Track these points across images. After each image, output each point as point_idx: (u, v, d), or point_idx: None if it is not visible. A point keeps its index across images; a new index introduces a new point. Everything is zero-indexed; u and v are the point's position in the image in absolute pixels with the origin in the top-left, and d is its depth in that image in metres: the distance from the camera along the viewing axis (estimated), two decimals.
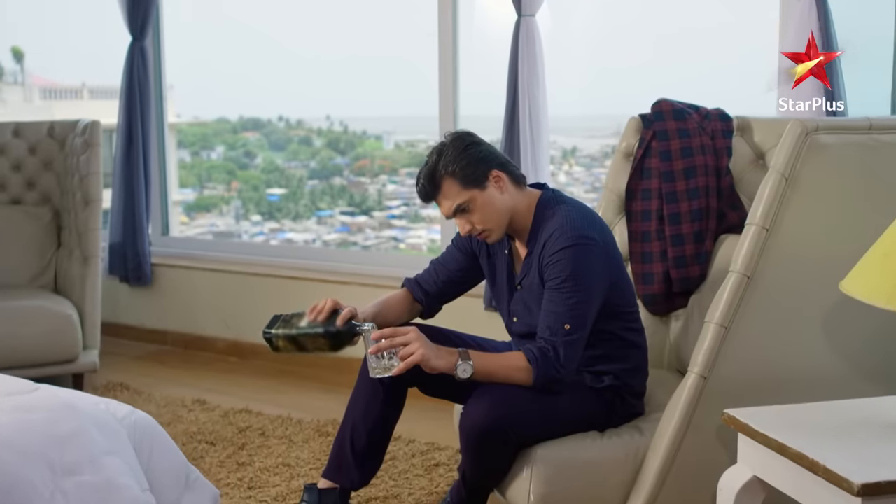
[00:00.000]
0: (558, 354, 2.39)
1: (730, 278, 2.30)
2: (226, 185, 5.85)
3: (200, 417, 3.78)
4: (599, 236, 2.47)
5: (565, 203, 2.54)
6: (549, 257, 2.44)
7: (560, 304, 2.40)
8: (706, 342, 2.30)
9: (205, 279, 4.92)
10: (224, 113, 5.76)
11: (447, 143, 2.51)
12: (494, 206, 2.50)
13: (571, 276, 2.40)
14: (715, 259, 2.97)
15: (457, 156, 2.46)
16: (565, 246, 2.41)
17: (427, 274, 2.81)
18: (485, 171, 2.48)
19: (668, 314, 3.08)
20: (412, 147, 5.48)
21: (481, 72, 4.37)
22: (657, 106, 3.11)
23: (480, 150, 2.50)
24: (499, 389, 2.41)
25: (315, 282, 4.56)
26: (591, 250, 2.43)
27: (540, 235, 2.50)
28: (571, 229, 2.43)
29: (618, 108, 4.27)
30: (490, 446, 2.37)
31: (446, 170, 2.47)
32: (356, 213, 5.46)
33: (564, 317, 2.39)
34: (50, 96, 6.49)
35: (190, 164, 5.93)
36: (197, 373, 4.54)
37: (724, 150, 3.04)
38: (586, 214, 2.52)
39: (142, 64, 4.90)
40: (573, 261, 2.41)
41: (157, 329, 5.06)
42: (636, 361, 2.63)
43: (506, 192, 2.51)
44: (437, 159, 2.48)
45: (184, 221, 5.83)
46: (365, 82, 5.02)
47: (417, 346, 2.36)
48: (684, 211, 3.00)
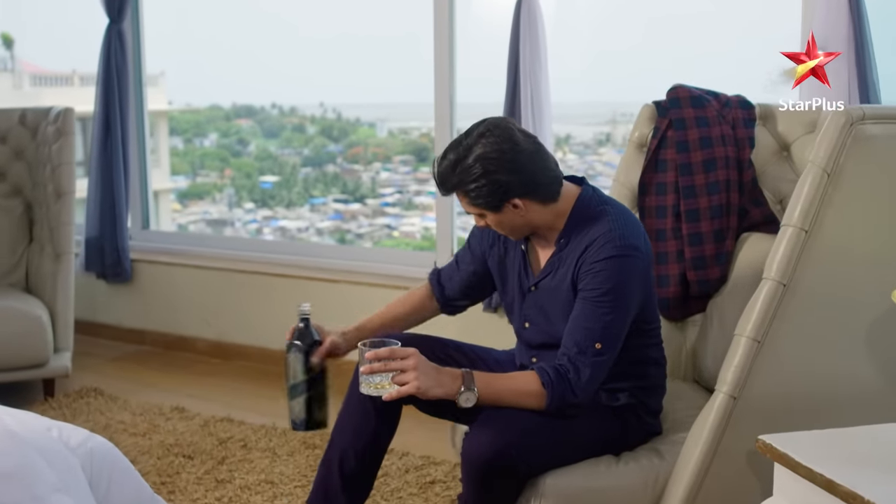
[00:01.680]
0: (580, 375, 2.14)
1: (763, 286, 2.05)
2: (219, 173, 5.80)
3: (178, 427, 3.52)
4: (644, 247, 2.24)
5: (609, 205, 2.28)
6: (590, 264, 2.18)
7: (594, 320, 2.15)
8: (736, 358, 2.05)
9: (187, 276, 4.67)
10: (217, 100, 5.70)
11: (468, 154, 2.16)
12: (510, 224, 2.25)
13: (613, 289, 2.15)
14: (736, 260, 2.72)
15: (473, 178, 2.15)
16: (612, 255, 2.16)
17: (448, 270, 2.59)
18: (502, 199, 2.18)
19: (684, 320, 2.84)
20: (406, 134, 5.43)
21: (480, 56, 4.17)
22: (673, 92, 2.86)
23: (505, 177, 2.14)
24: (506, 414, 2.15)
25: (303, 280, 4.32)
26: (637, 263, 2.19)
27: (579, 237, 2.23)
28: (621, 237, 2.18)
29: (613, 95, 4.22)
30: (495, 478, 2.11)
31: (461, 184, 2.18)
32: (349, 200, 5.38)
33: (597, 334, 2.15)
34: (40, 83, 6.38)
35: (182, 151, 5.87)
36: (177, 376, 4.29)
37: (746, 140, 2.79)
38: (632, 220, 2.27)
39: (119, 48, 4.63)
40: (618, 273, 2.16)
41: (136, 328, 4.81)
42: (654, 379, 2.38)
43: (527, 213, 2.23)
44: (456, 165, 2.16)
45: (176, 209, 5.76)
46: (359, 68, 4.90)
47: (414, 375, 2.10)
48: (703, 207, 2.75)
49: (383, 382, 2.13)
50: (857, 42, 3.03)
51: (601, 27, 4.09)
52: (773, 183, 2.78)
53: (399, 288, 3.99)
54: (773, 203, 2.78)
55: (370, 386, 2.14)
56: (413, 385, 2.09)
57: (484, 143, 2.14)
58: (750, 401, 2.05)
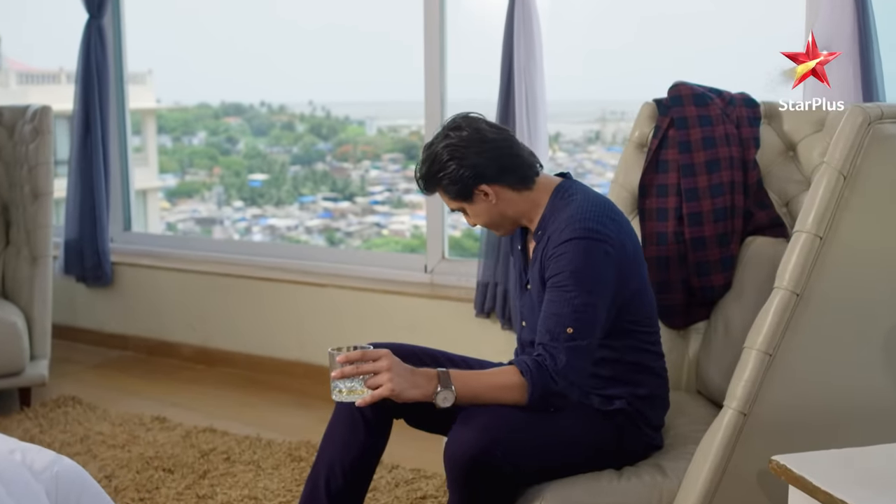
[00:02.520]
0: (556, 361, 2.03)
1: (775, 296, 1.92)
2: (208, 171, 5.75)
3: (159, 438, 3.38)
4: (615, 234, 2.11)
5: (580, 193, 2.19)
6: (553, 249, 2.10)
7: (562, 305, 2.05)
8: (747, 372, 1.93)
9: (170, 279, 4.53)
10: (205, 98, 5.66)
11: (437, 146, 2.19)
12: (486, 215, 2.24)
13: (576, 272, 2.06)
14: (741, 265, 2.59)
15: (441, 166, 2.17)
16: (570, 238, 2.07)
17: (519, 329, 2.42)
18: (470, 186, 2.18)
19: (686, 327, 2.71)
20: (395, 132, 5.42)
21: (471, 52, 4.06)
22: (675, 90, 2.73)
23: (472, 160, 2.16)
24: (488, 411, 2.04)
25: (290, 283, 4.19)
26: (604, 249, 2.07)
27: (548, 228, 2.16)
28: (583, 220, 2.09)
29: (603, 93, 4.14)
30: (479, 479, 1.99)
31: (435, 179, 2.20)
32: (339, 198, 5.35)
33: (566, 318, 2.05)
34: (27, 81, 6.24)
35: (171, 149, 5.83)
36: (159, 383, 4.15)
37: (751, 140, 2.67)
38: (603, 206, 2.16)
39: (99, 44, 4.50)
40: (579, 255, 2.06)
41: (118, 333, 4.67)
42: (652, 388, 2.26)
43: (499, 201, 2.20)
44: (428, 160, 2.20)
45: (165, 207, 5.70)
46: (348, 66, 4.84)
47: (388, 377, 1.99)
48: (707, 210, 2.62)
49: (356, 387, 2.02)
50: (862, 39, 2.92)
51: (592, 25, 4.00)
52: (779, 184, 2.66)
53: (389, 293, 3.87)
54: (778, 205, 2.66)
55: (342, 392, 2.02)
56: (387, 387, 1.99)
57: (451, 134, 2.17)
58: (761, 417, 1.93)
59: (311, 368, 4.02)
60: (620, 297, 2.12)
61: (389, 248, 5.19)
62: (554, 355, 2.03)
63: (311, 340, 4.13)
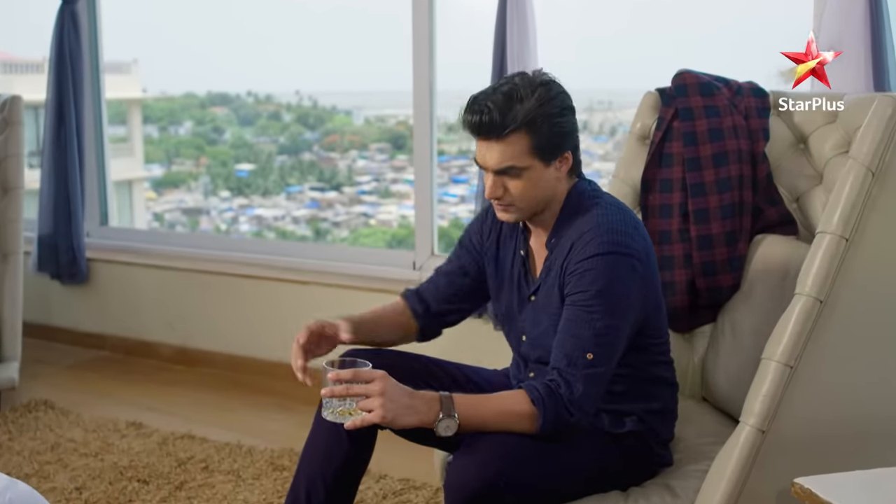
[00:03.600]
0: (572, 390, 1.86)
1: (797, 302, 1.77)
2: (194, 161, 5.72)
3: (134, 445, 3.21)
4: (642, 246, 1.95)
5: (603, 199, 2.02)
6: (575, 264, 1.91)
7: (584, 327, 1.88)
8: (765, 385, 1.78)
9: (148, 276, 4.36)
10: (192, 88, 5.63)
11: (547, 89, 1.91)
12: (541, 187, 1.97)
13: (603, 291, 1.88)
14: (750, 264, 2.44)
15: (550, 115, 1.90)
16: (599, 252, 1.89)
17: (429, 284, 2.27)
18: (562, 148, 1.96)
19: (691, 331, 2.56)
20: (382, 122, 5.39)
21: (461, 40, 3.92)
22: (679, 78, 2.58)
23: (569, 122, 1.95)
24: (494, 439, 1.87)
25: (272, 281, 4.03)
26: (631, 264, 1.91)
27: (566, 234, 1.98)
28: (610, 233, 1.91)
29: (589, 83, 4.03)
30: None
31: (531, 122, 1.89)
32: (326, 188, 5.33)
33: (588, 343, 1.87)
34: (10, 70, 6.13)
35: (157, 139, 5.80)
36: (136, 385, 3.98)
37: (761, 131, 2.52)
38: (628, 217, 1.99)
39: (73, 30, 4.31)
40: (608, 273, 1.88)
41: (94, 333, 4.49)
42: (664, 401, 2.11)
43: (562, 178, 2.00)
44: (524, 98, 1.89)
45: (151, 198, 5.66)
46: (335, 55, 4.78)
47: (379, 402, 1.82)
48: (713, 206, 2.47)
49: (346, 409, 1.86)
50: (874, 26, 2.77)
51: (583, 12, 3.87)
52: (789, 179, 2.51)
53: (376, 291, 3.72)
54: (788, 201, 2.51)
55: (332, 412, 1.88)
56: (377, 414, 1.82)
57: (547, 91, 1.91)
58: (781, 434, 1.78)
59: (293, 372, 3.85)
60: (643, 314, 1.97)
61: (377, 237, 5.15)
62: (570, 383, 1.87)
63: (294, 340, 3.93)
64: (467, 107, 1.94)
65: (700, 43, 3.62)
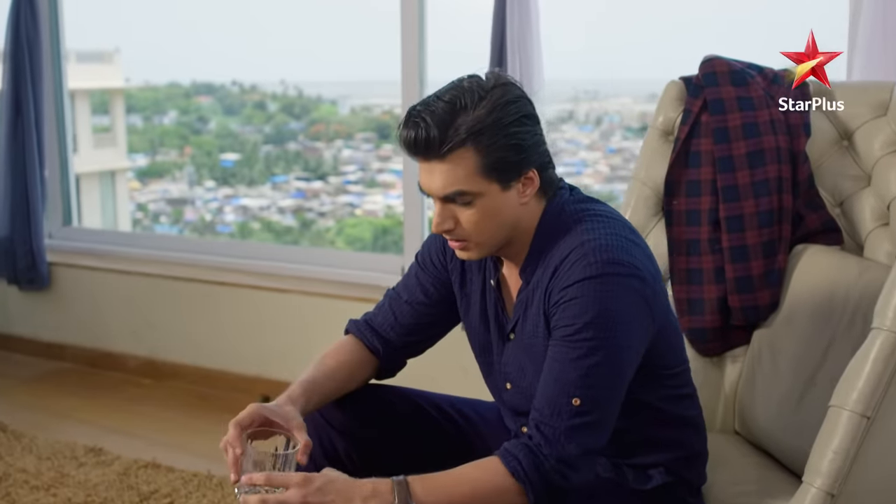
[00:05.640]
0: (555, 447, 1.52)
1: (875, 339, 1.47)
2: (178, 151, 5.64)
3: (92, 477, 2.89)
4: (641, 262, 1.60)
5: (589, 209, 1.66)
6: (560, 292, 1.56)
7: (569, 367, 1.53)
8: (836, 440, 1.47)
9: (114, 281, 4.05)
10: (176, 77, 5.50)
11: (502, 91, 1.56)
12: (502, 216, 1.61)
13: (593, 322, 1.52)
14: (790, 279, 2.13)
15: (503, 125, 1.54)
16: (588, 276, 1.53)
17: (385, 314, 1.88)
18: (522, 166, 1.58)
19: (722, 354, 2.24)
20: (368, 112, 5.30)
21: (456, 27, 3.71)
22: (708, 65, 2.27)
23: (531, 133, 1.58)
24: None
25: (249, 288, 3.71)
26: (628, 283, 1.55)
27: (546, 257, 1.62)
28: (598, 250, 1.55)
29: (573, 72, 3.86)
30: None
31: (477, 135, 1.53)
32: (311, 178, 5.24)
33: (574, 386, 1.52)
34: None
35: (141, 129, 5.73)
36: (99, 402, 3.66)
37: (801, 127, 2.21)
38: (622, 229, 1.63)
39: (30, 16, 4.00)
40: (599, 300, 1.52)
41: (55, 342, 4.18)
42: (692, 444, 1.78)
43: (527, 201, 1.62)
44: (469, 106, 1.54)
45: (135, 188, 5.60)
46: (320, 43, 4.62)
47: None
48: (749, 213, 2.17)
49: None
50: None
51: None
52: (832, 180, 2.21)
53: (360, 300, 3.40)
54: (831, 206, 2.21)
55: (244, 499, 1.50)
56: None
57: (493, 98, 1.55)
58: (856, 499, 1.46)
59: (273, 385, 3.55)
60: (650, 341, 1.62)
61: (363, 227, 5.08)
62: (552, 439, 1.52)
63: (272, 353, 3.67)
64: (403, 120, 1.57)
65: (689, 28, 3.39)
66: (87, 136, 5.45)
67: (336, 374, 1.80)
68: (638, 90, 4.17)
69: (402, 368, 1.92)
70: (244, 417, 1.63)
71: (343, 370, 1.81)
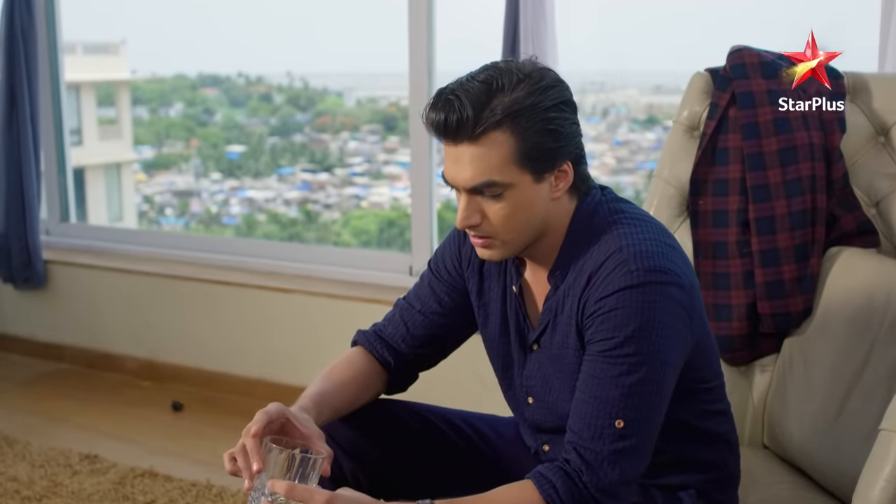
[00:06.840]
0: (598, 475, 1.41)
1: None
2: (185, 143, 5.58)
3: (86, 486, 2.77)
4: (682, 269, 1.48)
5: (625, 211, 1.54)
6: (597, 303, 1.44)
7: (611, 385, 1.41)
8: (888, 467, 1.35)
9: (113, 280, 3.92)
10: (182, 69, 5.46)
11: (540, 75, 1.45)
12: (532, 212, 1.49)
13: (635, 336, 1.40)
14: (825, 284, 2.01)
15: (542, 108, 1.43)
16: (629, 285, 1.41)
17: (397, 325, 1.75)
18: (557, 156, 1.47)
19: (750, 363, 2.12)
20: (374, 103, 5.25)
21: (466, 15, 3.59)
22: (737, 56, 2.13)
23: (569, 121, 1.46)
24: None
25: (249, 287, 3.60)
26: (670, 294, 1.43)
27: (578, 262, 1.50)
28: (639, 257, 1.43)
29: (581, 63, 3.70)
30: None
31: (515, 117, 1.42)
32: (317, 170, 5.18)
33: (617, 407, 1.41)
34: None
35: (148, 121, 5.66)
36: (96, 406, 3.54)
37: (835, 122, 2.09)
38: (660, 234, 1.51)
39: (25, 7, 3.87)
40: (641, 310, 1.41)
41: (52, 343, 4.06)
42: (725, 462, 1.65)
43: (559, 196, 1.50)
44: (506, 88, 1.42)
45: (141, 180, 5.56)
46: (326, 34, 4.54)
47: None
48: (780, 213, 2.04)
49: None
50: None
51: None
52: (867, 179, 2.09)
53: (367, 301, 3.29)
54: (866, 206, 2.09)
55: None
56: None
57: (532, 80, 1.44)
58: None
59: (276, 389, 3.44)
60: (688, 355, 1.50)
61: (369, 220, 5.02)
62: (594, 465, 1.41)
63: (276, 355, 3.56)
64: (432, 101, 1.45)
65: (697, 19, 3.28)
66: (93, 128, 5.41)
67: (347, 387, 1.67)
68: (644, 81, 4.08)
69: (414, 382, 1.79)
70: (271, 412, 1.53)
71: (353, 384, 1.69)
